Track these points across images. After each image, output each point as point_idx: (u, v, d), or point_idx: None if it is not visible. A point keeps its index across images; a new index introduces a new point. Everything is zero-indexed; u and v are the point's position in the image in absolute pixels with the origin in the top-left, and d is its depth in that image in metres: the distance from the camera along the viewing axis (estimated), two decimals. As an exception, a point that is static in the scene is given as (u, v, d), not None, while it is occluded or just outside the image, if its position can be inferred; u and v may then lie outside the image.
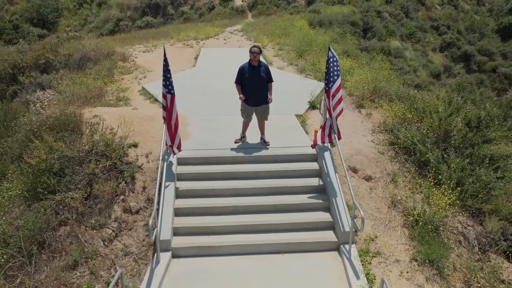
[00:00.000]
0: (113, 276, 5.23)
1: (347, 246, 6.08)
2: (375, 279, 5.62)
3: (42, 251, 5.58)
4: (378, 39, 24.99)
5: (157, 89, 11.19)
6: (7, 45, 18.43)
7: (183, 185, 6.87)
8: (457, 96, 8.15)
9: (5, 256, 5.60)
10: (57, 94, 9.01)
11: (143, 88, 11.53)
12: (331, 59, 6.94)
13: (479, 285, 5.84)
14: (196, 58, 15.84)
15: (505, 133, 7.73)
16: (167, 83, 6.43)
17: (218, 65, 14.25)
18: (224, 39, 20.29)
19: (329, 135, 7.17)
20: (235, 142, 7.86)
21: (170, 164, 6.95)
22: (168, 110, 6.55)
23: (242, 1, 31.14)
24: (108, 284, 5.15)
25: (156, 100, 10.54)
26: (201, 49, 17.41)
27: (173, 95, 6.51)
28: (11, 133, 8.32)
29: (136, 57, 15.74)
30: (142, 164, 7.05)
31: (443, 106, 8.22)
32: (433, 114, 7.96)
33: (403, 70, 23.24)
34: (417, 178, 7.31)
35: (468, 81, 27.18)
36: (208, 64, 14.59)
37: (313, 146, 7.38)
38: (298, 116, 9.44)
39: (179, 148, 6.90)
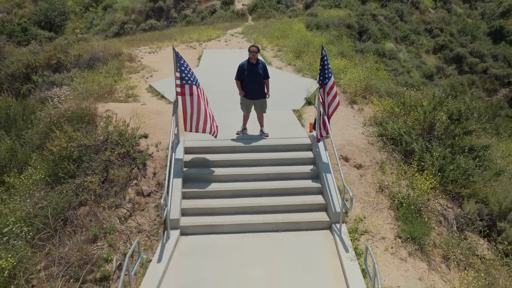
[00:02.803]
0: (129, 248, 5.80)
1: (338, 225, 6.63)
2: (362, 252, 6.17)
3: (65, 227, 6.14)
4: (373, 41, 25.51)
5: (163, 87, 11.77)
6: (19, 46, 18.93)
7: (190, 171, 7.43)
8: (439, 91, 8.70)
9: (30, 233, 6.18)
10: (72, 91, 9.55)
11: (150, 86, 12.09)
12: (325, 57, 7.51)
13: (456, 258, 6.40)
14: (199, 58, 16.40)
15: (484, 125, 8.30)
16: (183, 75, 6.98)
17: (220, 66, 14.79)
18: (226, 41, 20.85)
19: (324, 128, 7.71)
20: (237, 134, 8.42)
21: (178, 153, 7.51)
22: (194, 100, 7.12)
23: (243, 5, 31.72)
24: (125, 255, 5.71)
25: (163, 97, 11.10)
26: (203, 51, 17.97)
27: (191, 85, 7.05)
28: (30, 126, 8.89)
29: (142, 58, 16.29)
30: (153, 153, 7.61)
31: (427, 101, 8.78)
32: (418, 108, 8.52)
33: (397, 71, 23.78)
34: (402, 165, 7.88)
35: (460, 82, 27.76)
36: (211, 65, 15.14)
37: (317, 138, 7.86)
38: (295, 111, 10.00)
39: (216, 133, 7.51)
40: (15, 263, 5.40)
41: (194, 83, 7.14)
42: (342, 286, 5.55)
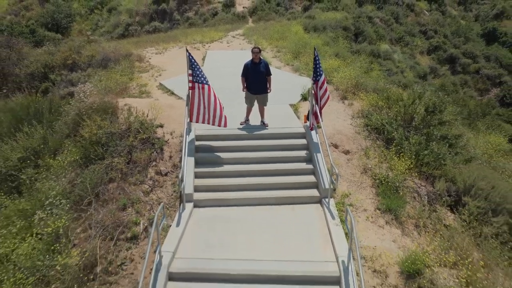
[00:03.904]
0: (153, 214, 7.07)
1: (326, 199, 7.90)
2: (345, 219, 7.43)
3: (98, 198, 7.41)
4: (368, 43, 26.79)
5: (172, 85, 13.03)
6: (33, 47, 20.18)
7: (200, 155, 8.72)
8: (418, 86, 9.98)
9: (68, 205, 7.45)
10: (94, 87, 10.81)
11: (160, 84, 13.37)
12: (317, 58, 8.81)
13: (426, 226, 7.67)
14: (203, 59, 17.67)
15: (455, 116, 9.58)
16: (194, 74, 8.24)
17: (223, 66, 16.03)
18: (227, 43, 22.12)
19: (316, 118, 9.00)
20: (241, 124, 9.70)
21: (191, 139, 8.79)
22: (200, 96, 8.38)
23: (243, 8, 33.01)
24: (149, 219, 6.98)
25: (172, 93, 12.37)
26: (207, 52, 19.24)
27: (200, 83, 8.32)
28: (58, 118, 10.17)
29: (150, 58, 17.56)
30: (168, 140, 8.89)
31: (407, 95, 10.06)
32: (399, 102, 9.80)
33: (391, 71, 25.05)
34: (384, 151, 9.16)
35: (452, 82, 29.04)
36: (214, 65, 16.39)
37: (310, 127, 9.15)
38: (291, 105, 11.28)
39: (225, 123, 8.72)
40: (66, 223, 6.67)
41: (203, 81, 8.40)
42: (329, 245, 6.82)
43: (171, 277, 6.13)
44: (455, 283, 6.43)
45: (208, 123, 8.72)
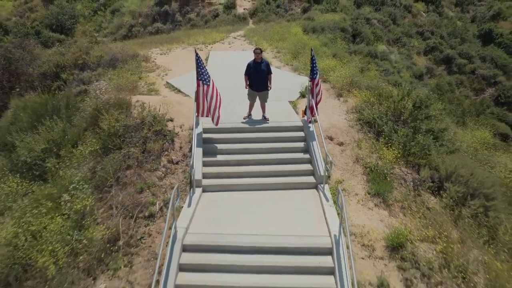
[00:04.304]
0: (168, 196, 8.05)
1: (322, 185, 8.88)
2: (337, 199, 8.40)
3: (118, 183, 8.39)
4: (366, 44, 27.80)
5: (178, 83, 14.01)
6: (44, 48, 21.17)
7: (208, 146, 9.70)
8: (406, 84, 10.96)
9: (89, 189, 8.41)
10: (108, 85, 11.80)
11: (167, 82, 14.35)
12: (313, 58, 9.80)
13: (410, 209, 8.64)
14: (206, 59, 18.65)
15: (440, 111, 10.56)
16: (201, 73, 9.21)
17: (225, 66, 17.01)
18: (229, 44, 23.12)
19: (312, 112, 9.99)
20: (244, 118, 10.69)
21: (199, 132, 9.78)
22: (203, 94, 9.36)
23: (244, 9, 34.03)
24: (164, 200, 7.96)
25: (179, 91, 13.35)
26: (210, 52, 20.23)
27: (204, 84, 9.30)
28: (75, 113, 11.15)
29: (155, 59, 18.55)
30: (178, 132, 9.87)
31: (397, 92, 11.05)
32: (389, 98, 10.79)
33: (388, 71, 26.03)
34: (374, 142, 10.15)
35: (448, 82, 30.05)
36: (217, 65, 17.36)
37: (308, 120, 10.14)
38: (291, 102, 12.27)
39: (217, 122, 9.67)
40: (92, 202, 7.65)
41: (207, 80, 9.36)
42: (323, 222, 7.80)
43: (185, 248, 7.10)
44: (433, 255, 7.41)
45: (208, 116, 9.71)
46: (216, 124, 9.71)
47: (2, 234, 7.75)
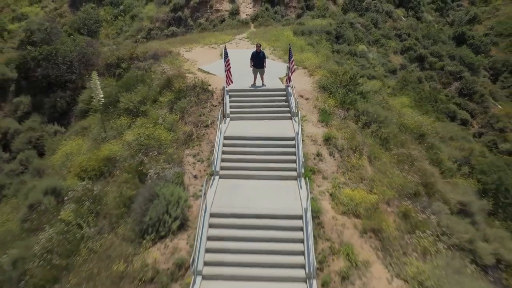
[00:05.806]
0: (214, 119, 17.69)
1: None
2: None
3: (186, 114, 18.00)
4: (347, 44, 37.60)
5: (208, 68, 23.64)
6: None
7: (232, 98, 19.28)
8: (346, 64, 20.60)
9: (169, 119, 18.00)
10: (168, 67, 21.38)
11: (199, 68, 24.00)
12: (290, 50, 19.49)
13: (340, 129, 18.16)
14: (221, 55, 28.29)
15: (364, 81, 20.24)
16: (226, 59, 18.90)
17: (235, 59, 26.58)
18: (236, 44, 32.85)
19: (289, 80, 19.60)
20: (251, 85, 20.31)
21: (225, 92, 19.39)
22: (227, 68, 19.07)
23: (246, 15, 43.96)
24: (211, 121, 17.59)
25: (208, 73, 22.98)
26: (222, 50, 29.91)
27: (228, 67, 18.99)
28: (151, 83, 20.76)
29: (183, 55, 28.22)
30: (214, 90, 19.50)
31: (344, 71, 20.74)
32: (338, 73, 20.42)
33: (364, 66, 35.70)
34: (325, 97, 19.73)
35: (418, 76, 39.70)
36: (231, 58, 26.99)
37: (287, 85, 19.80)
38: (280, 78, 21.89)
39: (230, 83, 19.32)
40: (178, 118, 17.30)
41: (227, 65, 18.94)
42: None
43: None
44: (345, 143, 16.91)
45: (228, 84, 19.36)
46: (227, 85, 19.33)
47: (129, 137, 17.27)
